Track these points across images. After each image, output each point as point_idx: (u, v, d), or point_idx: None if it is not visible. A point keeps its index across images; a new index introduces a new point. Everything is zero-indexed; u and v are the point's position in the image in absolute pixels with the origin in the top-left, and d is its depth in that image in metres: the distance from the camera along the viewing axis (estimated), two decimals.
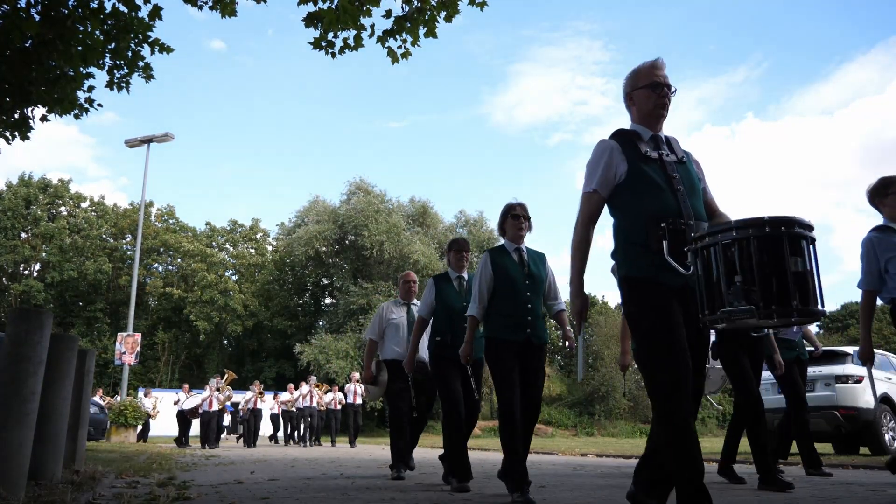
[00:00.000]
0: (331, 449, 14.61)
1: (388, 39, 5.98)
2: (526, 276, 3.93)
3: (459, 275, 4.82)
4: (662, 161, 2.51)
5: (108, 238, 35.61)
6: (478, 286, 3.95)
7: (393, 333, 5.61)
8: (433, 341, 4.62)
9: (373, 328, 5.75)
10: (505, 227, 4.09)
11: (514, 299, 3.86)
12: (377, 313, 5.74)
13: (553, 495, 3.90)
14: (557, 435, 31.27)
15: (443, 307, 4.65)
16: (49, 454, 4.20)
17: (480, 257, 4.09)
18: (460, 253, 4.83)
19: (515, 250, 4.04)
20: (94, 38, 5.92)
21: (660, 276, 2.35)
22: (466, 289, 4.69)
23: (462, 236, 5.25)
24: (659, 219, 2.37)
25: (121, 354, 19.63)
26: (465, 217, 32.49)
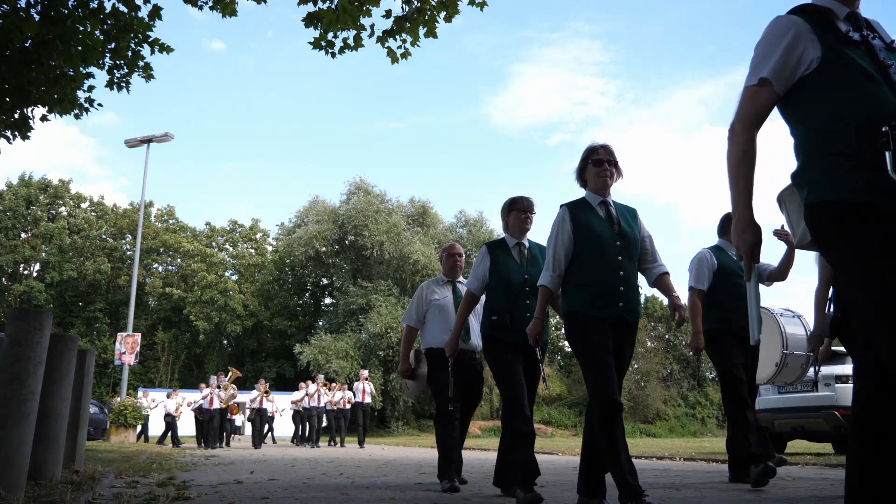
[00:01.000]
0: (331, 449, 14.49)
1: (388, 39, 5.98)
2: (616, 235, 3.17)
3: (519, 241, 3.94)
4: (869, 44, 1.85)
5: (107, 238, 35.62)
6: (552, 249, 3.21)
7: (436, 317, 4.67)
8: (488, 321, 3.82)
9: (410, 312, 4.80)
10: (585, 176, 3.31)
11: (602, 265, 3.12)
12: (416, 295, 4.82)
13: (553, 495, 3.90)
14: (557, 435, 31.27)
15: (499, 280, 3.82)
16: (49, 454, 4.20)
17: (557, 213, 3.30)
18: (523, 214, 3.92)
19: (601, 203, 3.26)
20: (94, 38, 5.92)
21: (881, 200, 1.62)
22: (529, 258, 3.88)
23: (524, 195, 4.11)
24: (876, 121, 1.65)
25: (120, 354, 19.64)
26: (465, 217, 32.52)
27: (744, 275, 1.96)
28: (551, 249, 3.22)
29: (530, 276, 3.74)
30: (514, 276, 3.82)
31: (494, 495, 4.03)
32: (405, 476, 5.61)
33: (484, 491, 4.26)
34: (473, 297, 3.99)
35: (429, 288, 4.83)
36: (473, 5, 5.85)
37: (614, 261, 3.12)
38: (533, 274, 3.71)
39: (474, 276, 3.95)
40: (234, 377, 15.98)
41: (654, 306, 42.17)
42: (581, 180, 3.37)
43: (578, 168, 3.36)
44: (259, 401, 15.74)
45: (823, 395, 8.72)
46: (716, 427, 39.08)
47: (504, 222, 3.99)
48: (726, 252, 4.74)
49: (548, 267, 3.24)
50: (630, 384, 36.58)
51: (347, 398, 16.35)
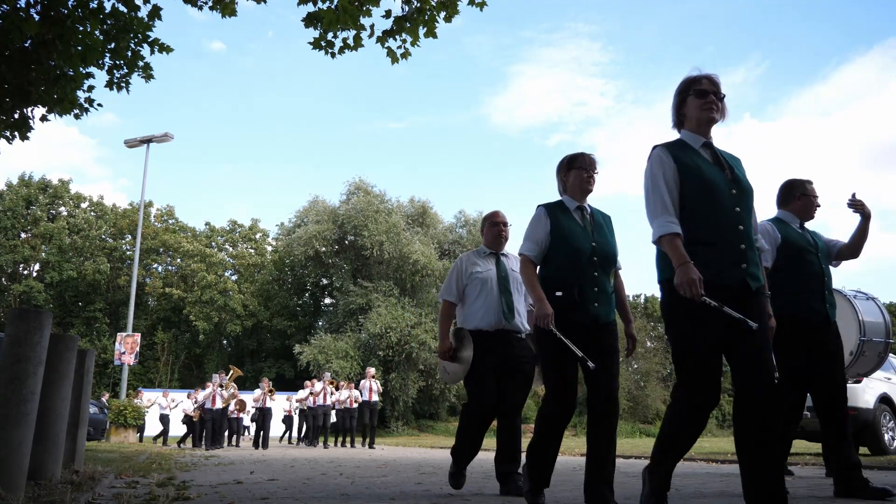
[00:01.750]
0: (331, 449, 14.42)
1: (388, 39, 5.98)
2: (730, 182, 2.60)
3: (581, 204, 3.35)
4: None
5: (107, 238, 35.61)
6: (661, 190, 2.58)
7: (477, 293, 4.07)
8: (549, 296, 3.18)
9: (449, 286, 4.21)
10: (684, 111, 2.75)
11: (719, 216, 2.53)
12: (454, 267, 4.25)
13: (553, 495, 3.90)
14: None
15: (563, 247, 3.22)
16: (48, 454, 4.20)
17: (651, 154, 2.72)
18: (586, 173, 3.33)
19: (704, 146, 2.69)
20: (94, 38, 5.92)
21: None
22: (593, 224, 3.31)
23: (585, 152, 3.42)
24: None
25: (120, 354, 19.64)
26: (465, 217, 32.51)
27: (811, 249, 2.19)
28: (659, 192, 2.58)
29: (598, 244, 3.21)
30: (580, 242, 3.22)
31: (494, 495, 4.03)
32: (405, 476, 5.61)
33: (484, 491, 4.26)
34: (533, 263, 3.29)
35: (469, 259, 4.24)
36: (473, 5, 5.85)
37: (731, 213, 2.54)
38: (601, 243, 3.23)
39: (531, 240, 3.30)
40: (234, 375, 15.62)
41: (654, 306, 42.15)
42: (679, 118, 2.76)
43: (675, 104, 2.77)
44: (263, 400, 15.37)
45: None
46: (715, 427, 39.06)
47: (561, 183, 3.43)
48: (789, 224, 4.00)
49: (659, 211, 2.55)
50: (630, 384, 36.58)
51: (354, 397, 15.93)
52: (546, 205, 3.37)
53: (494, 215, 4.31)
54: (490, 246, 4.27)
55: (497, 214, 4.31)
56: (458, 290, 4.17)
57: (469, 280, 4.13)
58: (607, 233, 3.36)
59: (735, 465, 7.17)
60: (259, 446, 14.68)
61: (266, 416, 15.34)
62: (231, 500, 3.62)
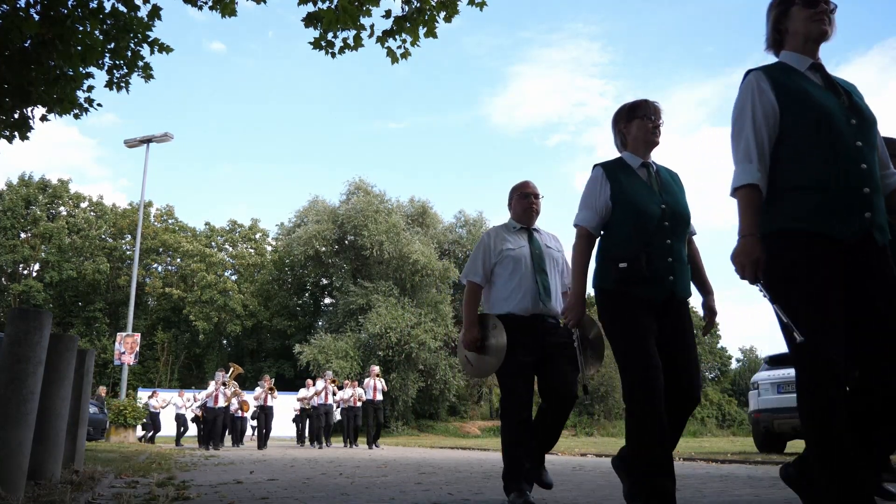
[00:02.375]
0: (331, 449, 14.31)
1: (388, 39, 5.99)
2: (848, 111, 2.11)
3: (646, 161, 2.85)
4: None
5: (107, 238, 35.62)
6: (747, 130, 2.12)
7: (508, 273, 3.55)
8: (608, 270, 2.70)
9: (474, 265, 3.65)
10: (785, 25, 2.25)
11: (835, 152, 2.03)
12: (480, 244, 3.72)
13: (553, 495, 3.90)
14: None
15: (629, 211, 2.70)
16: (48, 454, 4.20)
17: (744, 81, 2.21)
18: (651, 123, 2.84)
19: (812, 68, 2.21)
20: (94, 38, 5.93)
21: None
22: (660, 184, 2.79)
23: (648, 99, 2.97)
24: None
25: (120, 354, 19.63)
26: (465, 217, 32.55)
27: None
28: (744, 133, 2.13)
29: (669, 206, 2.71)
30: (648, 205, 2.69)
31: (494, 496, 4.02)
32: (405, 476, 5.61)
33: (484, 491, 4.26)
34: (591, 237, 2.80)
35: (497, 235, 3.68)
36: (473, 5, 5.85)
37: (851, 146, 2.03)
38: (671, 204, 2.72)
39: (589, 207, 2.79)
40: (235, 373, 15.21)
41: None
42: (775, 36, 2.28)
43: (774, 18, 2.26)
44: (264, 398, 15.00)
45: None
46: (715, 427, 39.10)
47: (619, 137, 2.95)
48: None
49: (746, 157, 2.10)
50: None
51: (358, 395, 15.48)
52: (604, 164, 2.85)
53: (524, 185, 3.77)
54: (520, 220, 3.74)
55: (527, 185, 3.77)
56: (485, 270, 3.62)
57: (499, 258, 3.59)
58: (677, 191, 2.83)
59: (734, 465, 7.17)
60: (260, 446, 14.38)
61: (268, 415, 14.94)
62: (231, 500, 3.62)
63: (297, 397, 16.69)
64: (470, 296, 3.65)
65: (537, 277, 3.52)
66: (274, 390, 15.41)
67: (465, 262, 32.19)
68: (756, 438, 9.83)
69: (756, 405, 9.56)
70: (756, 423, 9.56)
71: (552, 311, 3.52)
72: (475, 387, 35.07)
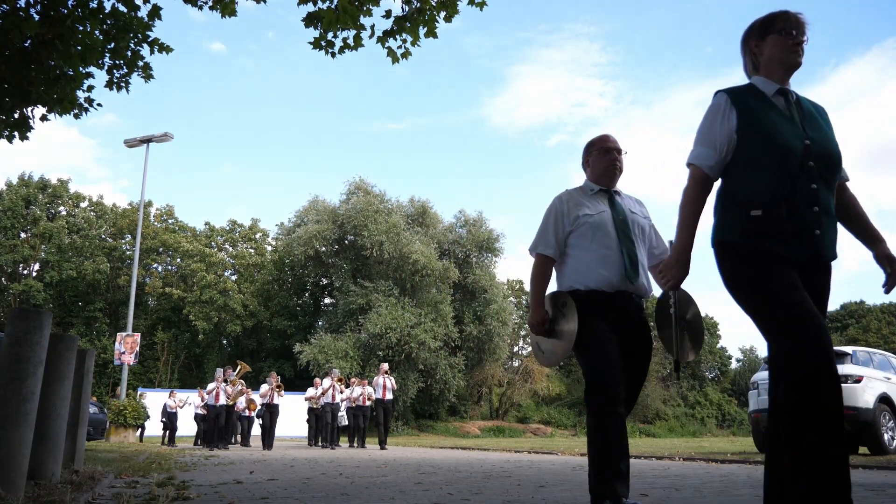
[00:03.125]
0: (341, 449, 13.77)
1: (388, 39, 5.98)
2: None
3: (784, 87, 2.32)
4: None
5: (106, 238, 35.62)
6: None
7: (588, 242, 2.98)
8: (739, 219, 2.22)
9: (544, 235, 3.08)
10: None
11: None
12: (550, 210, 3.11)
13: (553, 495, 3.89)
14: (557, 435, 31.30)
15: (763, 147, 2.21)
16: (48, 454, 4.20)
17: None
18: (791, 39, 2.29)
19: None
20: (94, 37, 5.92)
21: None
22: (802, 115, 2.28)
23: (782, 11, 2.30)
24: None
25: (120, 354, 19.62)
26: (465, 217, 32.54)
27: None
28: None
29: (814, 142, 2.21)
30: (788, 139, 2.20)
31: (495, 495, 4.02)
32: (405, 476, 5.61)
33: (483, 491, 4.25)
34: (708, 181, 2.32)
35: (572, 199, 3.09)
36: (473, 5, 5.85)
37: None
38: (818, 141, 2.22)
39: (707, 142, 2.30)
40: (242, 371, 14.76)
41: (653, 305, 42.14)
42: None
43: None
44: (270, 396, 14.41)
45: None
46: (715, 427, 39.11)
47: (749, 58, 2.41)
48: None
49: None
50: None
51: (367, 394, 14.83)
52: (729, 90, 2.32)
53: (605, 139, 3.17)
54: (599, 180, 3.13)
55: (608, 138, 3.17)
56: (558, 240, 3.05)
57: (575, 225, 3.01)
58: (824, 126, 2.31)
59: (734, 465, 7.17)
60: (266, 446, 13.84)
61: (273, 414, 14.33)
62: (231, 500, 3.62)
63: (305, 397, 16.15)
64: (539, 271, 3.06)
65: (623, 248, 2.94)
66: (281, 388, 14.88)
67: (465, 262, 32.41)
68: (756, 438, 9.84)
69: (756, 405, 9.56)
70: (756, 423, 9.56)
71: (641, 289, 2.98)
72: (475, 387, 35.08)
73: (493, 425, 32.15)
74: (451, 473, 5.86)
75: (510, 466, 7.05)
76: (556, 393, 38.15)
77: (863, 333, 44.52)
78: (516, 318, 35.33)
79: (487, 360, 31.54)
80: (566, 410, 36.04)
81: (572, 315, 2.89)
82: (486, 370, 32.86)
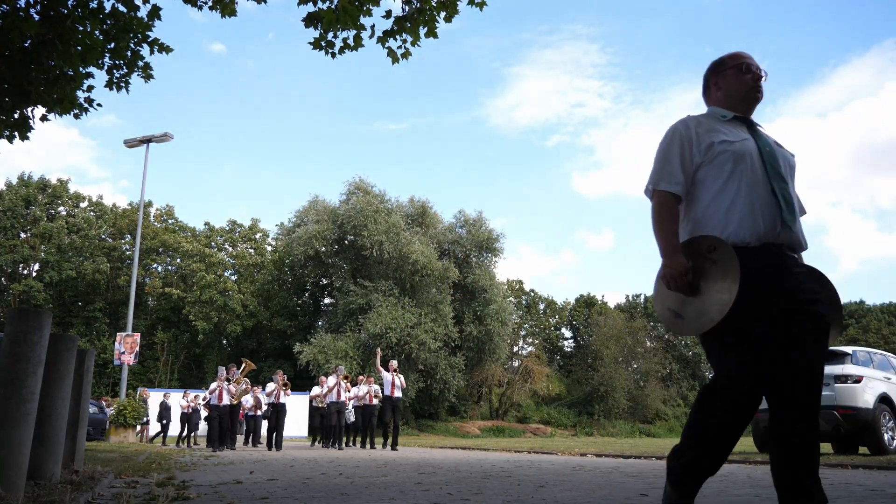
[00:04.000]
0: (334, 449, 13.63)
1: (389, 39, 5.98)
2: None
3: None
4: None
5: (106, 238, 35.60)
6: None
7: (726, 177, 2.29)
8: None
9: (666, 166, 2.37)
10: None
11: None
12: (672, 137, 2.40)
13: (553, 495, 3.89)
14: (557, 435, 31.29)
15: None
16: (48, 454, 4.20)
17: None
18: None
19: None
20: (94, 37, 5.92)
21: None
22: None
23: None
24: None
25: (120, 354, 19.62)
26: (465, 217, 32.53)
27: None
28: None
29: None
30: None
31: (494, 496, 4.02)
32: (405, 476, 5.61)
33: (483, 491, 4.25)
34: None
35: (701, 124, 2.39)
36: (473, 5, 5.84)
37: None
38: None
39: None
40: (247, 369, 14.22)
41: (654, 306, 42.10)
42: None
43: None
44: (277, 394, 13.82)
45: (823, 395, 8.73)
46: None
47: None
48: None
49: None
50: (629, 384, 36.59)
51: (374, 392, 14.23)
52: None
53: (741, 55, 2.47)
54: (735, 105, 2.44)
55: (745, 54, 2.47)
56: (685, 173, 2.34)
57: (708, 156, 2.31)
58: None
59: (734, 465, 7.17)
60: (272, 447, 13.36)
61: (280, 413, 13.73)
62: (230, 500, 3.62)
63: (311, 395, 15.77)
64: (664, 212, 2.35)
65: (774, 185, 2.26)
66: (288, 386, 14.34)
67: (464, 262, 32.43)
68: (756, 438, 9.84)
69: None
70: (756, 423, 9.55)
71: (795, 241, 2.27)
72: (475, 387, 35.06)
73: (492, 425, 32.14)
74: (451, 473, 5.86)
75: (510, 466, 7.05)
76: (556, 393, 38.14)
77: (863, 333, 44.50)
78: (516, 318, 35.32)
79: (487, 360, 31.54)
80: (566, 410, 36.02)
81: (728, 262, 2.14)
82: (485, 370, 32.86)
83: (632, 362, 38.79)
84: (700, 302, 2.22)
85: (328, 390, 14.45)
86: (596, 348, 37.17)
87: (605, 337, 36.85)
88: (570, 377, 40.08)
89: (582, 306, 42.80)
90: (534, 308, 42.60)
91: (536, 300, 43.13)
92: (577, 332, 42.67)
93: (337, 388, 14.30)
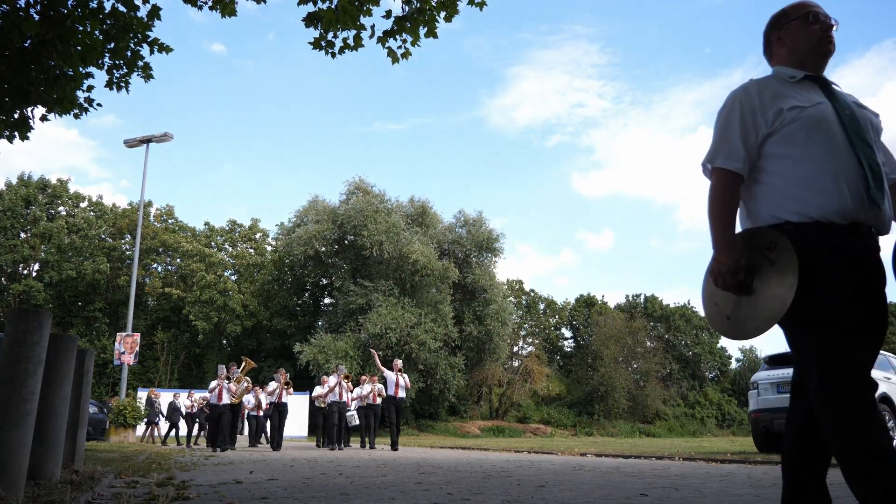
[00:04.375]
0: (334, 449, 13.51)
1: (388, 39, 5.98)
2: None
3: None
4: None
5: (106, 238, 35.59)
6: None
7: (803, 148, 1.98)
8: None
9: (726, 140, 2.06)
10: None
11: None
12: (733, 104, 2.08)
13: (553, 495, 3.90)
14: (556, 434, 31.30)
15: None
16: (48, 454, 4.20)
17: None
18: None
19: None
20: (94, 37, 5.92)
21: None
22: None
23: None
24: None
25: (120, 354, 19.61)
26: (465, 217, 32.53)
27: None
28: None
29: None
30: None
31: (494, 496, 4.02)
32: (405, 476, 5.61)
33: (483, 491, 4.25)
34: None
35: (765, 90, 2.07)
36: (473, 5, 5.85)
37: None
38: None
39: None
40: (248, 368, 14.09)
41: (654, 306, 42.16)
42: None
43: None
44: (279, 394, 13.81)
45: None
46: (715, 427, 39.09)
47: None
48: None
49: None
50: (629, 384, 36.61)
51: (377, 391, 14.14)
52: None
53: (805, 4, 2.18)
54: (803, 62, 2.16)
55: (808, 2, 2.18)
56: (748, 148, 2.04)
57: (778, 124, 2.01)
58: None
59: (734, 465, 7.17)
60: (274, 445, 13.30)
61: (282, 413, 13.69)
62: (230, 500, 3.62)
63: (312, 395, 15.68)
64: (722, 193, 2.04)
65: (860, 153, 1.96)
66: (290, 385, 14.27)
67: (464, 262, 32.43)
68: (756, 438, 9.83)
69: (756, 405, 9.56)
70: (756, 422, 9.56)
71: (883, 220, 1.97)
72: (475, 387, 35.07)
73: (492, 425, 32.15)
74: (451, 473, 5.86)
75: (510, 466, 7.05)
76: (556, 393, 38.14)
77: None
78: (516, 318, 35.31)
79: (487, 359, 31.54)
80: (566, 410, 36.03)
81: (788, 262, 1.87)
82: (485, 370, 32.87)
83: (632, 362, 38.81)
84: (750, 304, 1.95)
85: (329, 390, 14.40)
86: (596, 348, 37.19)
87: (604, 337, 36.87)
88: (570, 377, 40.09)
89: (582, 306, 42.81)
90: (534, 308, 42.60)
91: (536, 300, 43.13)
92: (576, 332, 42.68)
93: (338, 387, 14.23)
